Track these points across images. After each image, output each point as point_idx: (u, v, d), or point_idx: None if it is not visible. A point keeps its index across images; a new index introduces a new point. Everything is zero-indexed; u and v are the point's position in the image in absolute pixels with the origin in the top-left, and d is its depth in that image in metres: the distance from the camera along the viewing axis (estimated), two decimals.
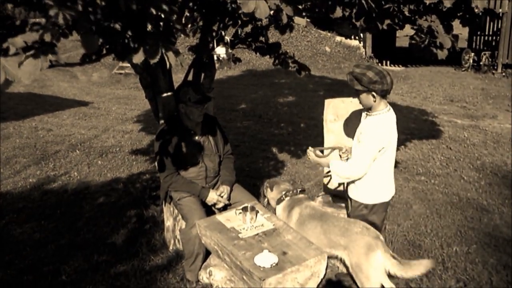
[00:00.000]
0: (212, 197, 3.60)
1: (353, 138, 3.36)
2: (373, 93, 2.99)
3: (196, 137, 3.66)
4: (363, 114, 3.27)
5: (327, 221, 3.18)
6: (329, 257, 3.18)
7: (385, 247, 2.96)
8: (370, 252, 2.92)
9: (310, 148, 3.44)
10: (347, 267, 3.07)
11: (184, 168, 3.63)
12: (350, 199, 3.36)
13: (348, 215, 3.45)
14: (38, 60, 1.96)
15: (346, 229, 3.05)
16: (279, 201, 3.50)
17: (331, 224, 3.14)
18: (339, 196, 3.97)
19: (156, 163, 3.67)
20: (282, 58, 4.62)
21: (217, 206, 3.65)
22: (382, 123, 3.08)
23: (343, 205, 3.83)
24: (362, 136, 3.08)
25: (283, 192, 3.49)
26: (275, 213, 3.52)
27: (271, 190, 3.60)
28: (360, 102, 3.15)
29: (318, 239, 3.10)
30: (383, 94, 3.03)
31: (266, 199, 3.70)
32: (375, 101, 3.04)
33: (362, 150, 3.05)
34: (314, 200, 4.16)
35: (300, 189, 3.59)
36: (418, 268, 2.91)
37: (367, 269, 2.92)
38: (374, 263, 2.91)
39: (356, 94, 3.13)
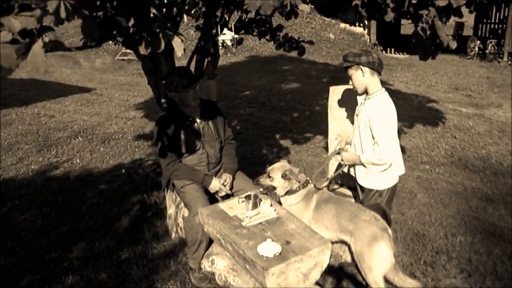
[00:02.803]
0: (215, 184, 3.56)
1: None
2: (361, 66, 3.05)
3: (195, 123, 3.61)
4: (361, 98, 3.28)
5: (341, 205, 3.16)
6: (338, 242, 3.15)
7: (391, 242, 2.92)
8: (374, 243, 2.88)
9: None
10: (352, 255, 3.04)
11: (185, 155, 3.60)
12: (362, 188, 3.32)
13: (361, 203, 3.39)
14: (41, 47, 1.92)
15: (355, 216, 3.01)
16: (291, 192, 3.28)
17: (344, 208, 3.11)
18: (346, 186, 3.93)
19: (157, 151, 3.64)
20: (289, 42, 4.57)
21: (219, 194, 3.61)
22: (385, 101, 3.11)
23: (349, 193, 3.79)
24: (374, 121, 3.04)
25: (302, 185, 3.28)
26: (280, 201, 3.44)
27: (287, 179, 3.27)
28: (353, 84, 3.18)
29: (331, 222, 3.08)
30: (371, 67, 3.07)
31: (267, 184, 3.32)
32: (364, 76, 3.08)
33: (384, 134, 3.03)
34: None
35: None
36: (405, 282, 2.90)
37: (369, 259, 2.89)
38: (377, 255, 2.87)
39: (347, 75, 3.18)
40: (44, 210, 4.55)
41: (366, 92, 3.17)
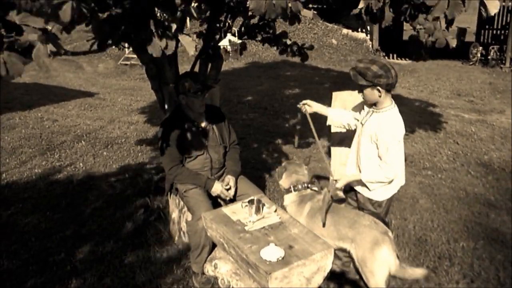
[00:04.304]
0: (217, 188, 3.57)
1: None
2: (378, 87, 2.95)
3: (200, 128, 3.63)
4: (368, 110, 3.20)
5: (338, 212, 3.15)
6: (338, 250, 3.15)
7: (393, 244, 2.93)
8: (376, 247, 2.88)
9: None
10: (353, 261, 3.05)
11: (189, 160, 3.61)
12: (358, 196, 3.32)
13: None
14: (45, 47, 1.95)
15: (355, 221, 3.02)
16: (287, 191, 3.41)
17: (341, 216, 3.11)
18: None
19: (160, 154, 3.66)
20: (292, 48, 4.59)
21: (223, 198, 3.63)
22: (394, 118, 3.06)
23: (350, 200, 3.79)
24: (382, 138, 3.01)
25: (293, 185, 3.41)
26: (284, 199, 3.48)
27: (281, 177, 3.47)
28: (364, 98, 3.12)
29: (328, 231, 3.06)
30: (388, 89, 2.99)
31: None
32: (380, 96, 3.00)
33: (389, 152, 3.01)
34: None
35: (310, 183, 3.48)
36: (414, 273, 2.94)
37: (371, 264, 2.89)
38: (379, 259, 2.88)
39: (360, 89, 3.09)
40: (48, 214, 4.57)
41: (375, 104, 3.11)
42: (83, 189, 5.20)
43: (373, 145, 3.09)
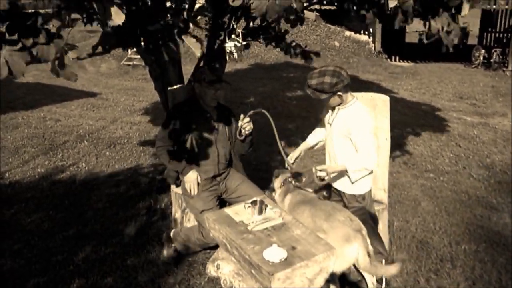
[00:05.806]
0: (191, 176, 3.56)
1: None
2: (339, 93, 3.06)
3: (212, 120, 3.65)
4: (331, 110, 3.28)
5: (316, 205, 3.19)
6: None
7: (365, 242, 2.94)
8: (345, 244, 2.90)
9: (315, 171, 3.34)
10: None
11: (197, 150, 3.62)
12: (340, 194, 3.36)
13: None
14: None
15: (330, 215, 3.05)
16: (278, 189, 3.50)
17: (318, 208, 3.15)
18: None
19: (159, 131, 3.68)
20: (295, 49, 4.61)
21: (190, 188, 3.59)
22: (361, 110, 3.15)
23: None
24: (355, 131, 3.09)
25: (282, 182, 3.47)
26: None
27: (276, 178, 3.58)
28: (327, 105, 3.24)
29: (306, 221, 3.09)
30: (346, 89, 3.10)
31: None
32: (341, 97, 3.11)
33: (366, 143, 3.07)
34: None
35: (292, 177, 3.57)
36: (387, 271, 2.97)
37: (336, 258, 2.90)
38: (346, 256, 2.90)
39: (321, 102, 3.19)
40: (50, 213, 4.58)
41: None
42: (86, 189, 5.22)
43: (346, 140, 3.17)
